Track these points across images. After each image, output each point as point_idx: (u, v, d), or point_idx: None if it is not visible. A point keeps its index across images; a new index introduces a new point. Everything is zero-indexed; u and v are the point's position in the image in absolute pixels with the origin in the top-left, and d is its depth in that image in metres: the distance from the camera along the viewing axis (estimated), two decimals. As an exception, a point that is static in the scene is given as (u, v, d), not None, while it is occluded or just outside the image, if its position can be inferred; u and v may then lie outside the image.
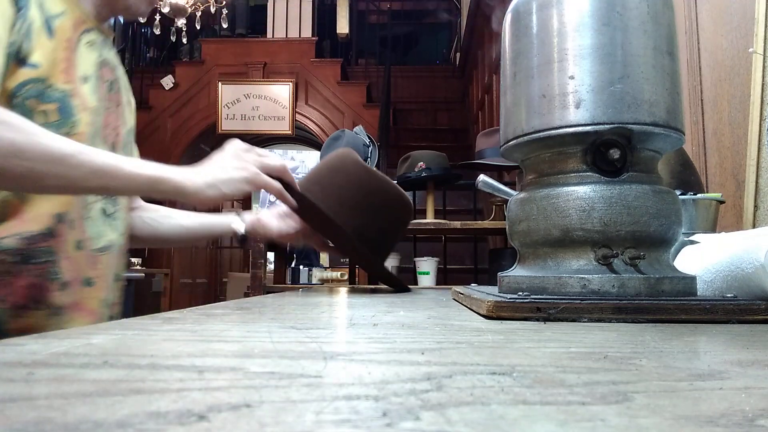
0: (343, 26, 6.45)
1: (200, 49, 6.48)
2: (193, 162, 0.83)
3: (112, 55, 0.94)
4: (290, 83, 6.06)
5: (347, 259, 2.90)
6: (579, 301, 0.50)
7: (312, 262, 3.48)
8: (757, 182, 1.15)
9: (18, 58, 0.74)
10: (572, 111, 0.58)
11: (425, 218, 2.40)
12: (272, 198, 0.93)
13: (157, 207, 1.08)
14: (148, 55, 7.16)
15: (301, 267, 3.57)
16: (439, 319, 0.51)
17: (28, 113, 0.74)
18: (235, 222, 1.05)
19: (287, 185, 0.88)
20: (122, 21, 6.28)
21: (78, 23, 0.84)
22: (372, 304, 0.70)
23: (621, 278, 0.54)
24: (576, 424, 0.17)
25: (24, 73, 0.74)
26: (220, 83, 6.01)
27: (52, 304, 0.79)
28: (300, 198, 0.91)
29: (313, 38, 6.38)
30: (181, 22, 4.44)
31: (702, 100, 1.50)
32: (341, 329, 0.42)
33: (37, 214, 0.77)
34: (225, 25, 4.85)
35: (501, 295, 0.58)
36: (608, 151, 0.57)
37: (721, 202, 1.01)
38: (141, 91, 5.87)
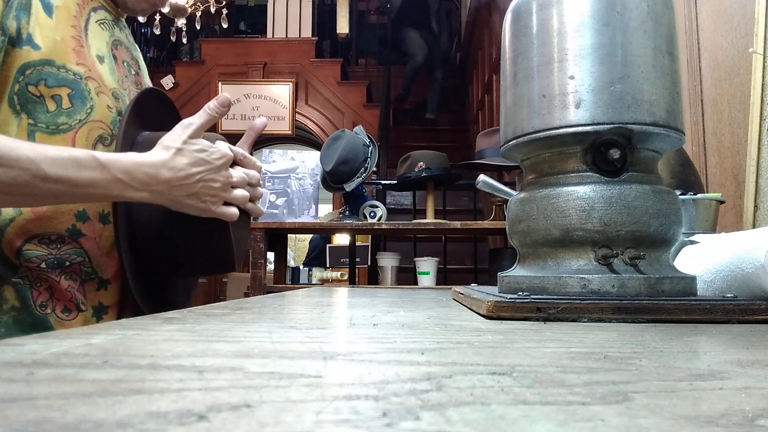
0: (343, 26, 6.44)
1: (200, 49, 6.49)
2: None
3: (125, 36, 0.89)
4: (290, 83, 6.06)
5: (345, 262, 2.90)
6: (579, 301, 0.50)
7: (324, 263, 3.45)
8: (757, 182, 1.15)
9: (12, 38, 0.69)
10: (572, 111, 0.58)
11: (425, 218, 2.40)
12: (272, 198, 0.91)
13: None
14: (148, 55, 7.16)
15: (301, 267, 3.57)
16: (439, 319, 0.51)
17: (32, 101, 0.71)
18: None
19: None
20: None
21: (85, 1, 0.79)
22: (372, 304, 0.70)
23: (621, 278, 0.54)
24: (576, 424, 0.17)
25: (22, 55, 0.70)
26: (220, 83, 6.01)
27: (94, 305, 0.77)
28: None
29: (313, 38, 6.38)
30: (181, 22, 4.44)
31: (702, 100, 1.50)
32: (341, 329, 0.42)
33: (58, 213, 0.74)
34: (225, 25, 4.85)
35: (501, 295, 0.58)
36: (608, 151, 0.57)
37: (721, 202, 1.01)
38: (141, 91, 5.85)
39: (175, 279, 0.90)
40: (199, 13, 4.62)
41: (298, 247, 7.87)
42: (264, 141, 6.51)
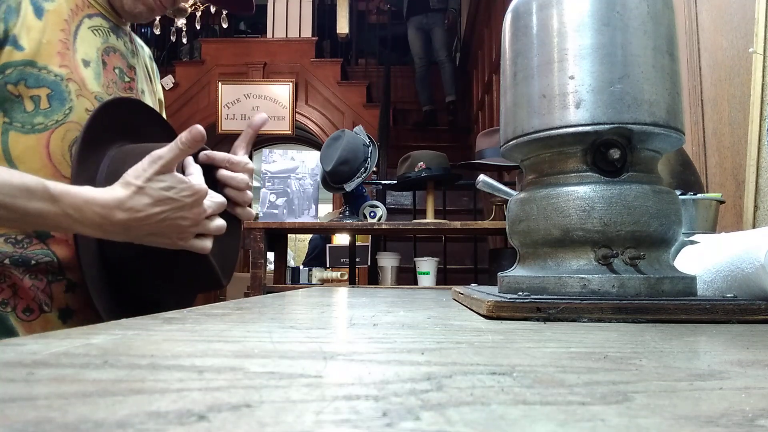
0: (343, 26, 6.44)
1: (200, 49, 6.48)
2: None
3: (123, 43, 0.88)
4: (290, 83, 6.06)
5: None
6: (579, 301, 0.50)
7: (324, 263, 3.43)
8: (757, 182, 1.15)
9: None
10: (572, 111, 0.58)
11: (425, 218, 2.40)
12: (272, 198, 0.90)
13: None
14: (148, 55, 7.15)
15: (301, 267, 3.57)
16: (439, 319, 0.51)
17: (9, 100, 0.70)
18: None
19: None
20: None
21: (79, 7, 0.80)
22: (372, 304, 0.70)
23: (621, 278, 0.54)
24: (576, 424, 0.17)
25: (4, 55, 0.70)
26: (220, 83, 6.01)
27: (60, 307, 0.75)
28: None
29: (313, 38, 6.38)
30: (181, 22, 4.44)
31: (702, 100, 1.50)
32: (341, 329, 0.42)
33: None
34: (225, 25, 4.85)
35: (501, 295, 0.58)
36: (608, 151, 0.57)
37: (721, 202, 1.01)
38: (141, 91, 5.86)
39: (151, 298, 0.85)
40: (199, 13, 4.62)
41: (298, 247, 7.87)
42: (264, 141, 6.51)
